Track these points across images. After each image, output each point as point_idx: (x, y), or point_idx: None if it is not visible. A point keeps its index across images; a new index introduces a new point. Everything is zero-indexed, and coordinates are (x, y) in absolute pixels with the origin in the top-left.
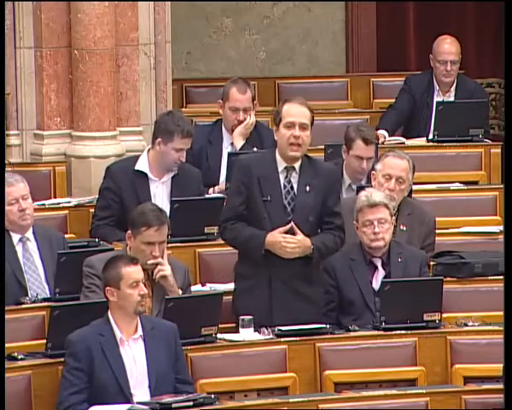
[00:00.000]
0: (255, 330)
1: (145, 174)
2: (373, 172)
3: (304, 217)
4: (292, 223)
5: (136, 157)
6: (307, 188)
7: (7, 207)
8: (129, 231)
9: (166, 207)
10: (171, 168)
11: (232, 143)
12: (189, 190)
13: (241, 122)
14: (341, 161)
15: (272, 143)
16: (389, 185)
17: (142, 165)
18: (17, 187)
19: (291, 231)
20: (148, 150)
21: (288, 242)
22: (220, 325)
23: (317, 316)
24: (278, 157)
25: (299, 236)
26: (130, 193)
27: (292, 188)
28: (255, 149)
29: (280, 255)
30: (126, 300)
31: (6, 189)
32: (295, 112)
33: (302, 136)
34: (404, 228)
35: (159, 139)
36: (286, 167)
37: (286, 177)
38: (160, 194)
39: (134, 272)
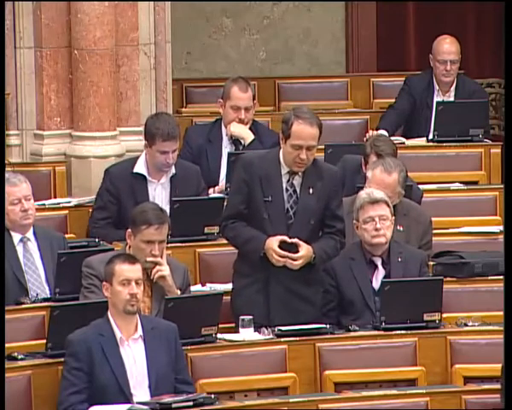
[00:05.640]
0: (255, 330)
1: (143, 176)
2: (367, 174)
3: (305, 220)
4: (296, 239)
5: (135, 159)
6: (310, 190)
7: (9, 207)
8: (129, 230)
9: (166, 209)
10: (162, 169)
11: (234, 141)
12: (189, 189)
13: (242, 121)
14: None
15: (271, 144)
16: None
17: (140, 167)
18: (20, 187)
19: (292, 249)
20: (146, 152)
21: (292, 263)
22: (220, 325)
23: (315, 316)
24: (282, 160)
25: (303, 250)
26: (129, 195)
27: (294, 191)
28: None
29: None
30: (116, 297)
31: (9, 188)
32: (305, 135)
33: (308, 155)
34: (401, 228)
35: (145, 142)
36: (289, 171)
37: (288, 180)
38: (159, 196)
39: (127, 270)
